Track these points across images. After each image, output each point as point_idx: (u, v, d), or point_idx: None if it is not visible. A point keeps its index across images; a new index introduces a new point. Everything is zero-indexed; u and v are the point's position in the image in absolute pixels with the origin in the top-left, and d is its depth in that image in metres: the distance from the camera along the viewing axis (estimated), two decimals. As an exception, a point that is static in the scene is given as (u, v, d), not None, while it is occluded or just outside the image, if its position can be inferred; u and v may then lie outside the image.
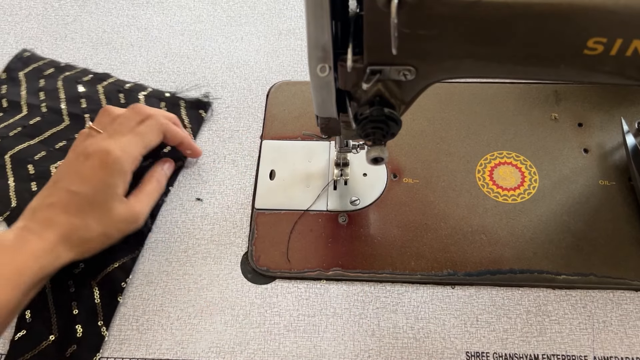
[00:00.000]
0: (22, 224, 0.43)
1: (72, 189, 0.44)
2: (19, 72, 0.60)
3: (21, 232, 0.43)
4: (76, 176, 0.44)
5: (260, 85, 0.59)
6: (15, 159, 0.53)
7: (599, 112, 0.55)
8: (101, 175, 0.44)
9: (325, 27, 0.30)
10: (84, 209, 0.44)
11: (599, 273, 0.47)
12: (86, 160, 0.45)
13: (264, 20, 0.64)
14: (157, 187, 0.50)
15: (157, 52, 0.62)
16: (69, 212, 0.43)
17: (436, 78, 0.34)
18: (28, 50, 0.61)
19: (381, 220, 0.50)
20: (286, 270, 0.48)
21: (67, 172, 0.45)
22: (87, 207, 0.44)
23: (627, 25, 0.29)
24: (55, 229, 0.43)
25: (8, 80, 0.59)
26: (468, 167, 0.53)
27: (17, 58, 0.61)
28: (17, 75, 0.59)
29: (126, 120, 0.48)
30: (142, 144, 0.47)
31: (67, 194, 0.44)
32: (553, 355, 0.44)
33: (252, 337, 0.45)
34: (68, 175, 0.45)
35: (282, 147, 0.55)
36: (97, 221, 0.44)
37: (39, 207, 0.44)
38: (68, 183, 0.44)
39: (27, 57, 0.61)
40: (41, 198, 0.45)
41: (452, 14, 0.29)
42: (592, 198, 0.50)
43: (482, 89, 0.57)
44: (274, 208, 0.51)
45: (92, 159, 0.45)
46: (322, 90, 0.35)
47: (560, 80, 0.35)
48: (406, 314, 0.46)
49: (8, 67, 0.60)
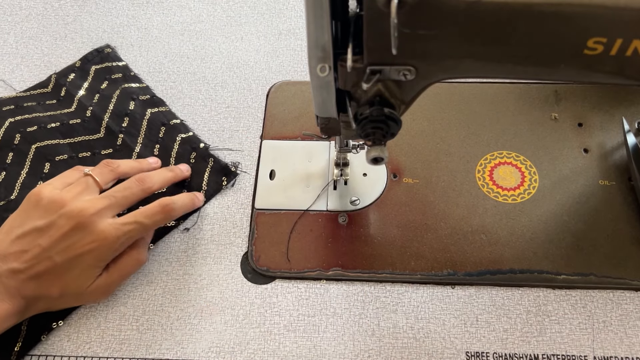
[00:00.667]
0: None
1: (57, 260, 0.41)
2: (92, 65, 0.60)
3: None
4: (65, 247, 0.42)
5: (260, 85, 0.59)
6: (38, 152, 0.53)
7: (599, 112, 0.55)
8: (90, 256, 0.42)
9: (325, 27, 0.30)
10: (59, 283, 0.42)
11: (599, 273, 0.47)
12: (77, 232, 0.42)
13: (264, 20, 0.64)
14: (134, 267, 0.46)
15: (157, 52, 0.62)
16: (42, 281, 0.41)
17: (436, 78, 0.34)
18: (111, 47, 0.61)
19: (381, 220, 0.50)
20: (286, 270, 0.48)
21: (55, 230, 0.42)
22: (63, 282, 0.42)
23: (627, 25, 0.29)
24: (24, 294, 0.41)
25: (79, 70, 0.59)
26: (468, 167, 0.53)
27: (97, 51, 0.61)
28: (89, 68, 0.60)
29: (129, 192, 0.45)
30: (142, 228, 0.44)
31: (48, 263, 0.41)
32: (553, 355, 0.44)
33: (252, 337, 0.45)
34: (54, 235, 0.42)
35: (282, 147, 0.55)
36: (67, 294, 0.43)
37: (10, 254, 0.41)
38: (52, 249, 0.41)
39: (107, 54, 0.61)
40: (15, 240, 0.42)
41: (452, 14, 0.29)
42: (592, 198, 0.50)
43: (482, 89, 0.57)
44: (274, 208, 0.51)
45: (84, 232, 0.42)
46: (322, 90, 0.35)
47: (560, 80, 0.35)
48: (406, 314, 0.46)
49: (85, 57, 0.60)
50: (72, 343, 0.46)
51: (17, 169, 0.53)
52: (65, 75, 0.59)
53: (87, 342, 0.46)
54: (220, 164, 0.53)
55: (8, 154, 0.54)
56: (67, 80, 0.58)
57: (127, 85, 0.58)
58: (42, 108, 0.57)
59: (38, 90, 0.58)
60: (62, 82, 0.58)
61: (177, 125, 0.55)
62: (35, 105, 0.57)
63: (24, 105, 0.57)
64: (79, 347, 0.45)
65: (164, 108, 0.57)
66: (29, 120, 0.55)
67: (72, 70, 0.59)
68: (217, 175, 0.53)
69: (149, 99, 0.57)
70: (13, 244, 0.42)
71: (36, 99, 0.58)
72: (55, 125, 0.55)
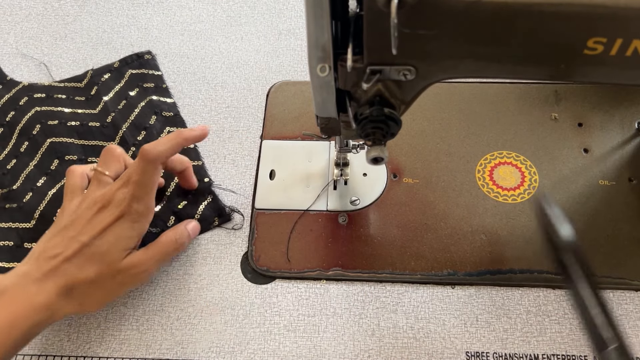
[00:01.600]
0: (23, 270, 0.41)
1: (83, 240, 0.41)
2: (129, 69, 0.59)
3: (21, 280, 0.40)
4: (90, 227, 0.42)
5: (260, 85, 0.59)
6: (51, 147, 0.53)
7: (599, 112, 0.55)
8: (118, 229, 0.42)
9: (325, 27, 0.30)
10: (91, 262, 0.41)
11: (599, 273, 0.47)
12: (101, 212, 0.42)
13: (264, 20, 0.64)
14: (172, 247, 0.45)
15: (157, 52, 0.62)
16: (75, 265, 0.41)
17: (436, 78, 0.34)
18: (151, 54, 0.61)
19: (381, 220, 0.50)
20: (286, 270, 0.48)
21: (79, 221, 0.42)
22: (95, 260, 0.41)
23: (627, 25, 0.29)
24: (57, 281, 0.40)
25: (116, 71, 0.59)
26: (468, 167, 0.53)
27: (137, 55, 0.60)
28: (125, 71, 0.59)
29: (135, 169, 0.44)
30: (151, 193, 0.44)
31: (77, 245, 0.41)
32: (553, 355, 0.44)
33: (252, 337, 0.45)
34: (79, 224, 0.42)
35: (282, 147, 0.55)
36: (101, 275, 0.42)
37: (43, 254, 0.42)
38: (79, 233, 0.42)
39: (146, 60, 0.60)
40: (46, 244, 0.42)
41: (452, 14, 0.29)
42: (592, 198, 0.50)
43: (482, 89, 0.57)
44: (274, 208, 0.51)
45: (110, 209, 0.42)
46: (322, 90, 0.35)
47: (560, 80, 0.34)
48: (406, 314, 0.46)
49: (124, 60, 0.60)
50: (72, 343, 0.46)
51: (26, 160, 0.53)
52: (101, 73, 0.59)
53: (87, 342, 0.46)
54: (218, 203, 0.51)
55: (24, 142, 0.54)
56: (101, 79, 0.58)
57: (155, 98, 0.57)
58: (69, 103, 0.57)
59: (72, 83, 0.59)
60: (96, 81, 0.58)
61: (189, 150, 0.54)
62: (64, 99, 0.57)
63: (54, 97, 0.57)
64: (79, 347, 0.45)
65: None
66: (52, 113, 0.56)
67: (108, 70, 0.59)
68: (211, 213, 0.50)
69: (171, 116, 0.56)
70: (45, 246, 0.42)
71: (67, 91, 0.58)
72: (75, 124, 0.55)
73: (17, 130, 0.55)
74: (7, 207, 0.51)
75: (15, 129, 0.55)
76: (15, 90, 0.58)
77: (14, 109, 0.56)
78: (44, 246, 0.42)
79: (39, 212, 0.50)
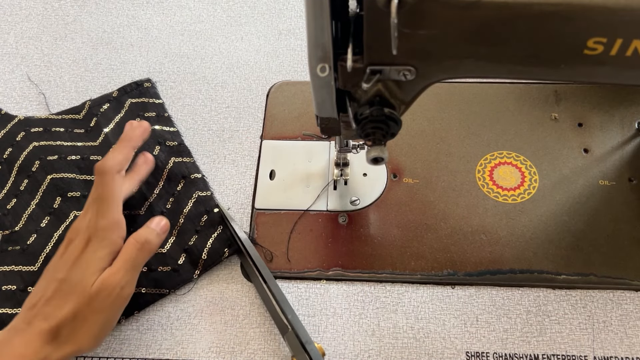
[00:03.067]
0: (12, 324, 0.40)
1: (59, 276, 0.40)
2: (129, 98, 0.57)
3: (7, 335, 0.39)
4: (62, 262, 0.41)
5: (260, 85, 0.59)
6: (52, 184, 0.51)
7: (599, 112, 0.55)
8: (89, 254, 0.40)
9: (325, 27, 0.30)
10: (68, 296, 0.39)
11: (599, 273, 0.47)
12: (71, 244, 0.41)
13: (264, 20, 0.64)
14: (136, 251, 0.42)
15: (157, 52, 0.62)
16: (54, 305, 0.39)
17: (436, 78, 0.34)
18: (151, 82, 0.58)
19: (381, 220, 0.50)
20: (286, 270, 0.48)
21: (53, 261, 0.42)
22: (71, 293, 0.39)
23: (627, 25, 0.29)
24: (40, 327, 0.38)
25: (115, 101, 0.57)
26: (468, 167, 0.53)
27: (136, 84, 0.58)
28: (125, 101, 0.57)
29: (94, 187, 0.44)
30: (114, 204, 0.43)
31: (54, 284, 0.40)
32: (553, 355, 0.44)
33: (252, 337, 0.45)
34: (54, 263, 0.42)
35: (282, 147, 0.55)
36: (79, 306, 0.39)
37: (27, 303, 0.40)
38: (55, 271, 0.41)
39: (146, 88, 0.58)
40: (32, 294, 0.41)
41: (452, 14, 0.29)
42: (592, 198, 0.50)
43: (482, 89, 0.57)
44: (274, 208, 0.51)
45: (78, 238, 0.41)
46: (322, 90, 0.35)
47: (560, 80, 0.34)
48: (406, 314, 0.46)
49: (123, 89, 0.57)
50: (72, 343, 0.46)
51: (27, 198, 0.51)
52: (100, 104, 0.56)
53: (87, 342, 0.46)
54: (227, 233, 0.49)
55: (23, 180, 0.52)
56: (100, 110, 0.56)
57: (158, 127, 0.55)
58: (68, 136, 0.54)
59: (70, 115, 0.56)
60: (95, 112, 0.56)
61: (197, 180, 0.52)
62: (62, 132, 0.55)
63: (52, 130, 0.55)
64: (79, 347, 0.45)
65: (188, 159, 0.53)
66: (52, 147, 0.53)
67: (107, 100, 0.57)
68: (220, 245, 0.48)
69: (175, 146, 0.54)
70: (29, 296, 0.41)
71: (66, 124, 0.56)
72: (76, 158, 0.53)
73: (15, 167, 0.52)
74: (9, 249, 0.49)
75: (14, 166, 0.52)
76: (11, 125, 0.55)
77: (10, 145, 0.54)
78: (30, 296, 0.41)
79: (45, 254, 0.48)
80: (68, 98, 0.59)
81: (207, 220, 0.49)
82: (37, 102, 0.59)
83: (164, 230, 0.44)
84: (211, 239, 0.49)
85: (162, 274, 0.47)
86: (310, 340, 0.43)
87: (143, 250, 0.42)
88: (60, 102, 0.58)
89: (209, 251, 0.48)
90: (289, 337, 0.43)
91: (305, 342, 0.42)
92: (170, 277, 0.47)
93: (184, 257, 0.48)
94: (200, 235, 0.49)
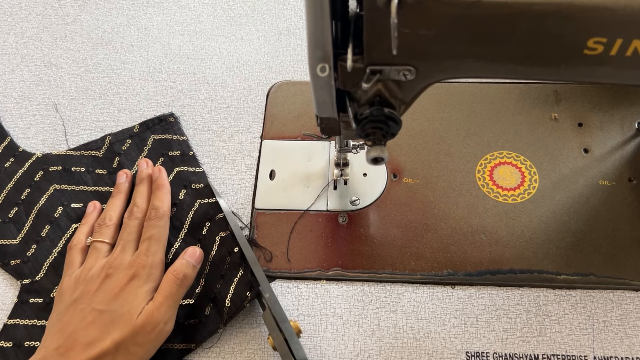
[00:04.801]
0: (42, 354, 0.39)
1: (98, 308, 0.40)
2: (151, 134, 0.55)
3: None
4: (102, 294, 0.41)
5: (260, 85, 0.59)
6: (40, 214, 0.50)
7: (599, 112, 0.55)
8: (134, 288, 0.42)
9: (325, 27, 0.30)
10: (112, 327, 0.40)
11: (599, 273, 0.47)
12: (109, 278, 0.42)
13: (264, 20, 0.64)
14: (175, 285, 0.43)
15: (157, 52, 0.62)
16: (94, 336, 0.39)
17: (436, 78, 0.34)
18: (174, 116, 0.56)
19: (381, 220, 0.50)
20: (286, 270, 0.48)
21: (88, 292, 0.42)
22: (116, 324, 0.40)
23: (627, 25, 0.29)
24: (78, 357, 0.38)
25: (137, 137, 0.54)
26: (468, 167, 0.53)
27: (159, 119, 0.56)
28: (147, 137, 0.55)
29: (132, 229, 0.46)
30: (163, 245, 0.45)
31: (93, 315, 0.40)
32: (553, 355, 0.44)
33: (253, 337, 0.45)
34: (89, 294, 0.42)
35: (282, 147, 0.55)
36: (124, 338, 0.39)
37: (58, 334, 0.40)
38: (92, 302, 0.41)
39: (169, 123, 0.56)
40: (58, 323, 0.41)
41: (452, 14, 0.29)
42: (592, 198, 0.50)
43: (482, 89, 0.57)
44: (274, 208, 0.51)
45: (120, 272, 0.42)
46: (322, 90, 0.35)
47: (560, 80, 0.34)
48: (406, 314, 0.46)
49: (145, 124, 0.55)
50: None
51: (49, 246, 0.49)
52: (121, 140, 0.54)
53: (87, 342, 0.45)
54: (248, 275, 0.46)
55: (45, 226, 0.50)
56: (122, 148, 0.54)
57: (183, 169, 0.53)
58: (90, 178, 0.53)
59: (90, 151, 0.54)
60: (117, 150, 0.54)
61: (220, 221, 0.50)
62: (83, 173, 0.53)
63: (72, 170, 0.53)
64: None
65: (213, 199, 0.51)
66: (74, 193, 0.51)
67: (129, 136, 0.54)
68: (243, 288, 0.45)
69: (201, 188, 0.52)
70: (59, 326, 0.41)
71: (85, 162, 0.53)
72: (78, 206, 0.51)
73: (34, 210, 0.50)
74: (31, 301, 0.46)
75: (32, 209, 0.50)
76: (28, 163, 0.53)
77: (29, 186, 0.52)
78: (58, 326, 0.41)
79: None
80: (68, 98, 0.59)
81: (230, 262, 0.47)
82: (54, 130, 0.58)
83: (198, 262, 0.45)
84: (234, 283, 0.46)
85: (189, 328, 0.45)
86: (286, 319, 0.42)
87: (182, 286, 0.43)
88: (60, 102, 0.58)
89: (232, 297, 0.45)
90: (265, 316, 0.43)
91: (280, 320, 0.42)
92: (198, 330, 0.45)
93: (210, 307, 0.46)
94: (224, 280, 0.46)
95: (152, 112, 0.57)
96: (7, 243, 0.49)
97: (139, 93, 0.59)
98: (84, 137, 0.56)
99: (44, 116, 0.57)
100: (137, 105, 0.58)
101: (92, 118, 0.57)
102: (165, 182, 0.50)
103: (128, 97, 0.59)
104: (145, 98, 0.58)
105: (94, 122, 0.57)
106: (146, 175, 0.51)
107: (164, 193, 0.49)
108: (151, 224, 0.46)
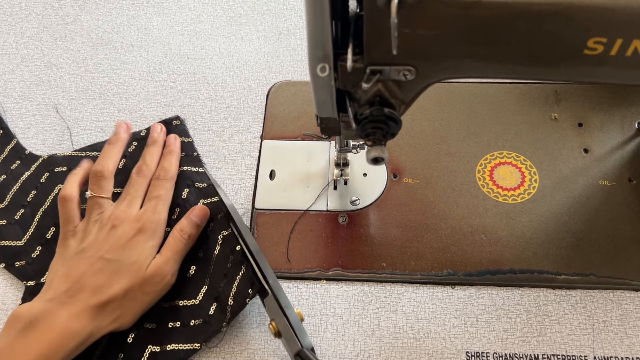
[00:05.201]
0: (49, 296, 0.41)
1: (107, 257, 0.43)
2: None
3: (51, 306, 0.40)
4: (109, 244, 0.43)
5: (260, 85, 0.59)
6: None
7: (599, 112, 0.55)
8: (141, 241, 0.44)
9: (325, 27, 0.30)
10: (120, 276, 0.42)
11: (599, 273, 0.47)
12: (115, 229, 0.44)
13: (264, 20, 0.64)
14: (181, 242, 0.46)
15: (157, 52, 0.62)
16: (103, 282, 0.42)
17: (436, 78, 0.34)
18: (180, 119, 0.56)
19: (381, 220, 0.50)
20: (286, 270, 0.48)
21: (95, 242, 0.44)
22: (124, 273, 0.42)
23: (627, 25, 0.29)
24: (88, 302, 0.41)
25: (142, 140, 0.54)
26: (468, 167, 0.53)
27: (165, 122, 0.56)
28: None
29: (139, 185, 0.48)
30: (167, 206, 0.48)
31: (101, 263, 0.42)
32: (553, 355, 0.44)
33: (252, 337, 0.45)
34: (97, 244, 0.44)
35: (282, 147, 0.55)
36: (132, 286, 0.42)
37: (65, 277, 0.42)
38: (100, 251, 0.43)
39: (175, 126, 0.56)
40: (66, 268, 0.43)
41: (452, 14, 0.29)
42: (592, 198, 0.50)
43: (482, 89, 0.57)
44: (274, 208, 0.51)
45: (127, 225, 0.44)
46: (322, 90, 0.35)
47: (560, 80, 0.34)
48: (406, 314, 0.46)
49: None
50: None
51: (53, 247, 0.48)
52: (128, 143, 0.53)
53: (87, 342, 0.46)
54: (249, 273, 0.46)
55: (50, 229, 0.50)
56: (128, 150, 0.54)
57: (187, 169, 0.52)
58: None
59: (95, 152, 0.54)
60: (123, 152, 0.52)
61: (223, 220, 0.49)
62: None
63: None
64: (79, 347, 0.45)
65: (216, 198, 0.50)
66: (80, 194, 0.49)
67: (135, 139, 0.54)
68: (244, 286, 0.45)
69: (204, 187, 0.52)
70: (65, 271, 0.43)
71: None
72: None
73: (39, 212, 0.50)
74: None
75: (38, 210, 0.50)
76: (35, 166, 0.53)
77: (34, 187, 0.52)
78: (64, 270, 0.43)
79: None
80: (68, 98, 0.59)
81: (233, 261, 0.47)
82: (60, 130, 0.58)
83: (204, 221, 0.48)
84: (236, 281, 0.45)
85: (194, 328, 0.45)
86: (290, 305, 0.43)
87: (187, 244, 0.46)
88: (60, 102, 0.58)
89: (234, 295, 0.45)
90: (268, 302, 0.44)
91: (284, 306, 0.43)
92: (202, 330, 0.45)
93: (215, 307, 0.45)
94: (227, 278, 0.46)
95: (152, 112, 0.57)
96: (12, 244, 0.49)
97: (139, 93, 0.59)
98: (84, 137, 0.56)
99: (44, 116, 0.57)
100: (137, 105, 0.58)
101: (92, 118, 0.57)
102: (177, 149, 0.52)
103: (128, 97, 0.59)
104: (145, 98, 0.58)
105: (94, 122, 0.57)
106: (161, 139, 0.52)
107: (175, 158, 0.51)
108: (159, 183, 0.48)
